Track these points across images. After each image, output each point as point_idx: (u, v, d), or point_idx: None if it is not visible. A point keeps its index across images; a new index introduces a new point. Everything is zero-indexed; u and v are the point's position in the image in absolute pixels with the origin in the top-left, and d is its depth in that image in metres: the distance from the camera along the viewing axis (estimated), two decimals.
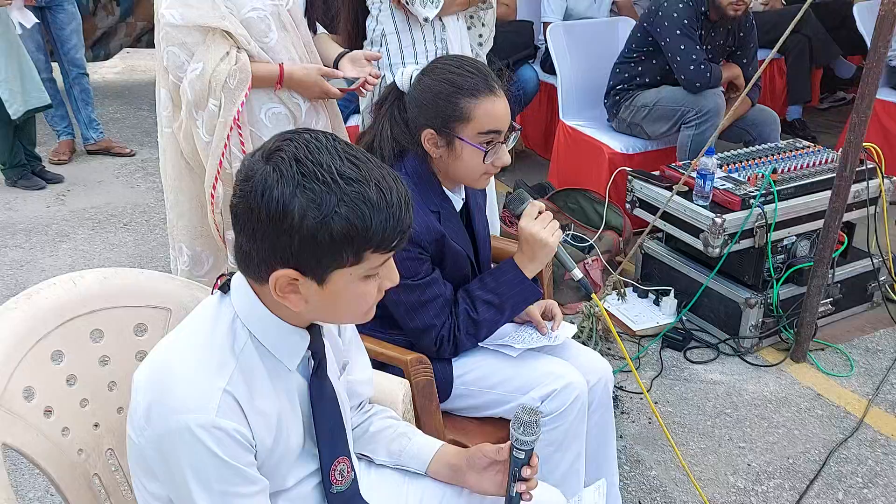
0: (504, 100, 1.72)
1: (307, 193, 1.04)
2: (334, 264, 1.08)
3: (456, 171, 1.75)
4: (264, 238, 1.07)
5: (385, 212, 1.07)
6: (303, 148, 1.07)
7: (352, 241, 1.06)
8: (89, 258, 3.74)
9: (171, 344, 1.17)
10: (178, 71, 2.15)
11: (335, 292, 1.11)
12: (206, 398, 1.09)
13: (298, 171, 1.04)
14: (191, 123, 2.20)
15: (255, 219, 1.06)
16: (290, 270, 1.08)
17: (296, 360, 1.21)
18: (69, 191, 4.56)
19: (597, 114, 4.08)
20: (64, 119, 5.03)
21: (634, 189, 3.23)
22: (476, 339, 1.80)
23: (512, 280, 1.78)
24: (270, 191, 1.04)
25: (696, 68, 3.53)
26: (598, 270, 3.34)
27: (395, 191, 1.09)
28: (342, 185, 1.05)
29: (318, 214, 1.03)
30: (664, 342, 3.06)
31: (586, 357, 1.93)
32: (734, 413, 2.70)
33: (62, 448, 1.37)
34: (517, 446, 1.35)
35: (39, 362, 1.36)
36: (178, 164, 2.31)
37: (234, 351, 1.14)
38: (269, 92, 2.21)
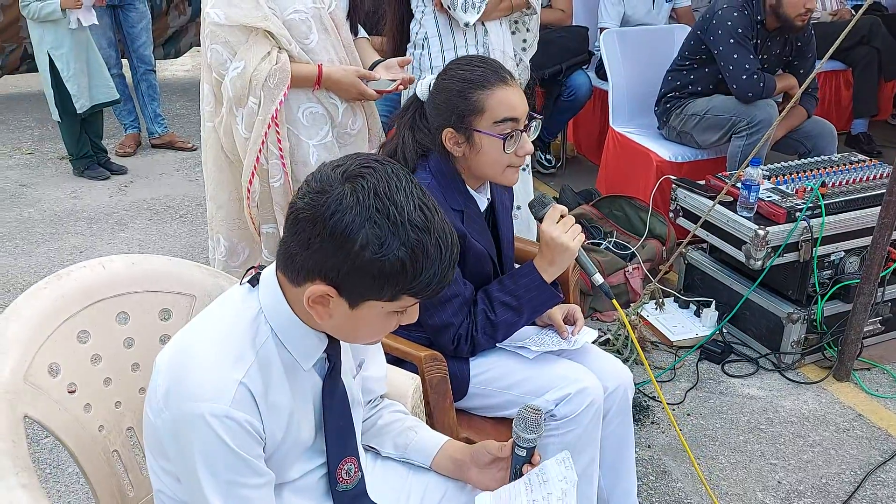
0: (517, 89, 1.73)
1: (375, 229, 1.07)
2: (372, 296, 1.12)
3: (480, 166, 1.76)
4: (318, 251, 1.10)
5: (436, 266, 1.11)
6: (384, 182, 1.10)
7: (396, 283, 1.10)
8: (144, 246, 3.88)
9: (195, 330, 1.21)
10: (220, 68, 2.21)
11: (361, 318, 1.15)
12: (222, 388, 1.12)
13: (374, 206, 1.08)
14: (231, 119, 2.26)
15: (317, 232, 1.09)
16: (330, 288, 1.12)
17: (311, 360, 1.24)
18: (132, 182, 4.73)
19: (648, 121, 4.04)
20: (131, 113, 5.22)
21: (678, 198, 3.19)
22: (493, 339, 1.81)
23: (530, 283, 1.79)
24: (342, 214, 1.07)
25: (748, 78, 3.46)
26: (639, 279, 3.30)
27: (450, 249, 1.13)
28: (409, 230, 1.08)
29: (378, 251, 1.07)
30: (702, 354, 3.01)
31: (606, 363, 1.92)
32: (769, 429, 2.64)
33: (83, 424, 1.44)
34: (519, 444, 1.37)
35: (66, 340, 1.43)
36: (218, 157, 2.38)
37: (254, 345, 1.18)
38: (308, 91, 2.26)
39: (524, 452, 1.37)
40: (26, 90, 6.71)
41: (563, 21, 4.55)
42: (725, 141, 3.65)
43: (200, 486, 1.14)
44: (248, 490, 1.16)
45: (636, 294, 3.26)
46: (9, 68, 6.21)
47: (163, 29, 6.47)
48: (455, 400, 1.81)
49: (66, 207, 4.34)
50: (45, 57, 4.29)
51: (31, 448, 2.45)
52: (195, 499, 1.17)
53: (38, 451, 2.48)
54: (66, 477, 2.39)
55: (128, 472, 1.54)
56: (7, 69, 6.20)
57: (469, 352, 1.82)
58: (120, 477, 1.51)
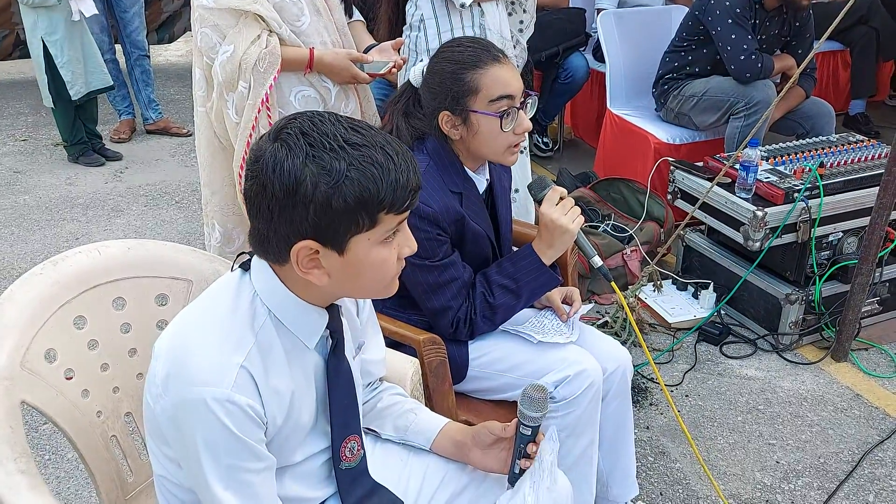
0: (510, 66, 1.71)
1: (317, 162, 1.07)
2: (352, 230, 1.11)
3: (479, 147, 1.75)
4: (280, 213, 1.09)
5: (394, 172, 1.09)
6: (307, 122, 1.10)
7: (365, 204, 1.09)
8: (140, 232, 3.87)
9: (193, 316, 1.20)
10: (210, 52, 2.19)
11: (356, 260, 1.14)
12: (222, 373, 1.12)
13: (306, 143, 1.08)
14: (221, 104, 2.25)
15: (270, 195, 1.08)
16: (310, 242, 1.10)
17: (315, 337, 1.23)
18: (127, 168, 4.71)
19: (645, 103, 4.02)
20: (125, 99, 5.19)
21: (676, 179, 3.18)
22: (492, 322, 1.81)
23: (529, 266, 1.78)
24: (281, 164, 1.07)
25: (746, 58, 3.44)
26: (637, 261, 3.29)
27: (401, 153, 1.12)
28: (349, 150, 1.08)
29: (330, 180, 1.06)
30: (700, 335, 3.01)
31: (605, 345, 1.92)
32: (767, 409, 2.65)
33: (81, 409, 1.43)
34: (524, 422, 1.36)
35: (62, 326, 1.42)
36: (211, 142, 2.37)
37: (253, 328, 1.17)
38: (300, 75, 2.24)
39: (529, 431, 1.36)
40: (19, 77, 6.66)
41: (559, 3, 4.51)
42: (723, 122, 3.63)
43: (202, 470, 1.14)
44: (249, 475, 1.16)
45: (634, 276, 3.25)
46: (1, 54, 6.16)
47: (156, 14, 6.42)
48: (454, 383, 1.81)
49: (62, 194, 4.32)
50: (38, 43, 4.25)
51: (30, 435, 2.46)
52: (197, 484, 1.17)
53: (37, 438, 2.48)
54: (65, 463, 2.39)
55: (126, 457, 1.53)
56: None
57: (468, 335, 1.82)
58: (119, 462, 1.51)
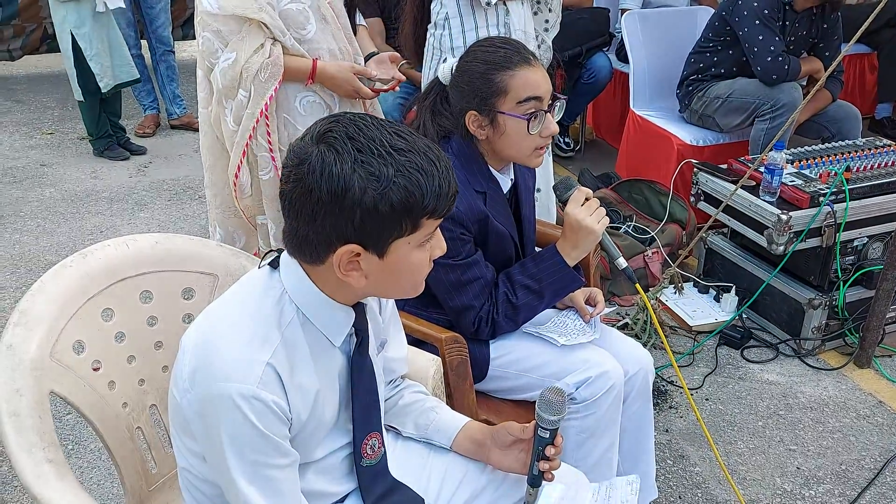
0: (540, 69, 1.72)
1: (365, 167, 1.08)
2: (395, 234, 1.13)
3: (504, 148, 1.75)
4: (325, 217, 1.10)
5: (437, 178, 1.12)
6: (351, 126, 1.11)
7: (411, 210, 1.11)
8: (164, 226, 3.90)
9: (221, 312, 1.21)
10: (210, 57, 2.17)
11: (395, 263, 1.15)
12: (249, 369, 1.13)
13: (354, 148, 1.09)
14: (220, 110, 2.24)
15: (315, 199, 1.09)
16: (353, 246, 1.12)
17: (342, 336, 1.24)
18: (151, 163, 4.75)
19: (669, 104, 4.00)
20: (150, 94, 5.23)
21: (699, 182, 3.16)
22: (514, 322, 1.81)
23: (553, 267, 1.78)
24: (329, 169, 1.08)
25: (773, 60, 3.42)
26: (658, 263, 3.28)
27: (442, 159, 1.14)
28: (396, 156, 1.09)
29: (378, 186, 1.08)
30: (721, 339, 2.99)
31: (626, 346, 1.91)
32: (788, 415, 2.63)
33: (108, 400, 1.46)
34: (542, 425, 1.36)
35: (90, 318, 1.45)
36: (214, 144, 2.36)
37: (280, 326, 1.18)
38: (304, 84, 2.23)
39: (547, 434, 1.37)
40: (46, 71, 6.74)
41: (583, 2, 4.50)
42: (748, 124, 3.61)
43: (227, 465, 1.15)
44: (273, 470, 1.17)
45: (655, 279, 3.24)
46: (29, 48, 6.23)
47: (181, 9, 6.46)
48: (475, 382, 1.81)
49: (87, 187, 4.37)
50: (67, 36, 4.29)
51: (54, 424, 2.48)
52: (221, 478, 1.18)
53: (60, 428, 2.51)
54: (88, 453, 2.42)
55: (151, 448, 1.55)
56: (27, 49, 6.22)
57: (489, 334, 1.82)
58: (143, 453, 1.53)
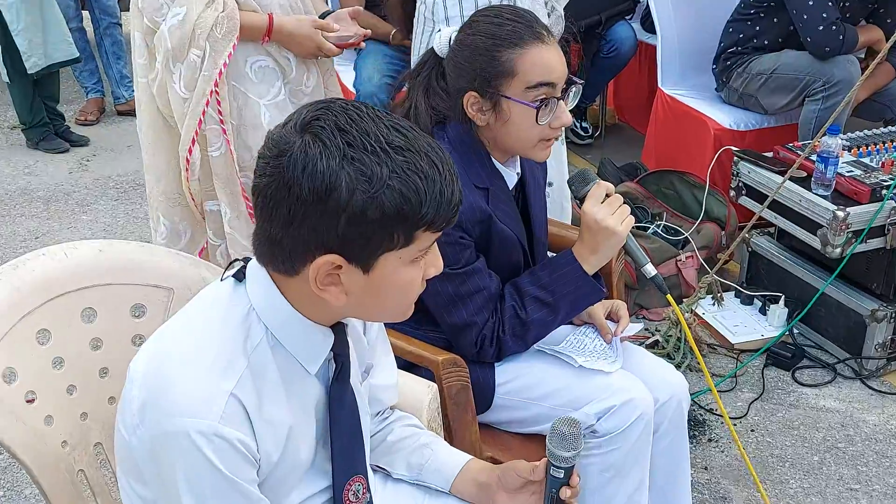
0: (555, 48, 1.72)
1: (355, 165, 1.07)
2: (384, 246, 1.12)
3: (507, 138, 1.76)
4: (304, 220, 1.09)
5: (439, 184, 1.10)
6: (343, 115, 1.10)
7: (405, 219, 1.09)
8: (110, 231, 3.91)
9: (176, 333, 1.21)
10: (154, 14, 2.21)
11: (381, 280, 1.15)
12: (209, 401, 1.12)
13: (343, 141, 1.07)
14: (166, 76, 2.26)
15: (294, 198, 1.08)
16: (335, 256, 1.11)
17: (317, 362, 1.24)
18: (94, 155, 4.76)
19: (704, 82, 4.01)
20: (93, 75, 5.24)
21: (741, 173, 3.18)
22: (523, 341, 1.81)
23: (569, 275, 1.78)
24: (314, 163, 1.07)
25: (825, 29, 3.43)
26: (693, 269, 3.30)
27: (446, 161, 1.13)
28: (392, 154, 1.08)
29: (369, 188, 1.07)
30: (769, 359, 3.01)
31: (656, 369, 1.92)
32: (848, 448, 2.64)
33: (44, 438, 1.45)
34: (555, 463, 1.36)
35: (23, 341, 1.44)
36: (155, 119, 2.37)
37: (245, 349, 1.18)
38: (257, 43, 2.27)
39: (561, 473, 1.36)
40: None
41: None
42: (797, 105, 3.62)
43: None
44: None
45: (690, 288, 3.25)
46: None
47: None
48: (478, 412, 1.81)
49: (19, 185, 4.38)
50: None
51: None
52: None
53: None
54: (22, 500, 2.42)
55: (95, 495, 1.55)
56: None
57: (494, 356, 1.82)
58: (86, 501, 1.52)
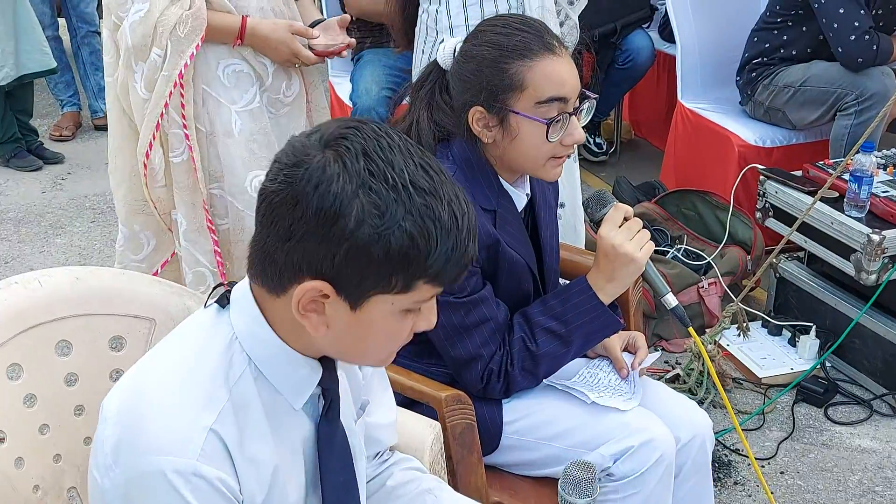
0: (567, 59, 1.73)
1: (371, 197, 1.07)
2: (379, 287, 1.12)
3: (515, 156, 1.76)
4: (303, 239, 1.10)
5: (454, 237, 1.11)
6: (373, 141, 1.11)
7: (408, 264, 1.10)
8: (86, 256, 3.91)
9: (152, 366, 1.21)
10: (119, 9, 2.25)
11: (367, 321, 1.15)
12: (187, 438, 1.12)
13: (366, 168, 1.08)
14: (128, 75, 2.29)
15: (300, 213, 1.09)
16: (325, 284, 1.11)
17: (303, 397, 1.24)
18: (70, 173, 4.78)
19: (727, 95, 4.04)
20: (69, 87, 5.27)
21: (767, 193, 3.20)
22: (534, 376, 1.81)
23: (583, 304, 1.78)
24: (328, 183, 1.07)
25: (858, 38, 3.45)
26: (717, 297, 3.30)
27: (468, 216, 1.13)
28: (413, 195, 1.08)
29: (380, 224, 1.07)
30: (799, 394, 3.00)
31: (677, 406, 1.91)
32: (887, 492, 2.63)
33: (14, 483, 1.44)
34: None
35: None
36: (120, 118, 2.40)
37: (227, 381, 1.18)
38: (231, 46, 2.29)
39: None
40: None
41: None
42: (828, 120, 3.64)
43: None
44: None
45: (713, 317, 3.25)
46: None
47: None
48: (485, 453, 1.81)
49: None
50: None
51: None
52: None
53: None
54: None
55: None
56: None
57: (502, 392, 1.82)
58: None
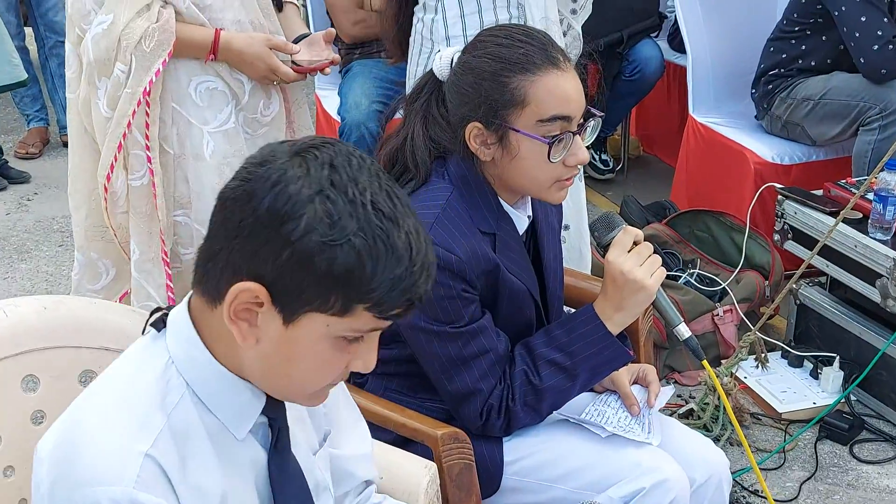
0: (573, 75, 1.74)
1: (327, 205, 1.09)
2: (315, 303, 1.12)
3: (515, 177, 1.77)
4: (250, 236, 1.12)
5: (404, 267, 1.12)
6: (343, 157, 1.14)
7: (350, 284, 1.10)
8: (54, 283, 3.90)
9: (84, 402, 1.22)
10: (82, 21, 2.24)
11: (298, 341, 1.15)
12: (121, 465, 1.13)
13: (328, 178, 1.11)
14: (90, 92, 2.29)
15: (251, 210, 1.11)
16: (260, 288, 1.12)
17: (245, 425, 1.24)
18: (36, 194, 4.77)
19: (742, 108, 4.06)
20: (36, 101, 5.28)
21: (786, 213, 3.20)
22: (536, 412, 1.81)
23: (590, 335, 1.78)
24: (286, 184, 1.10)
25: (881, 48, 3.47)
26: (733, 326, 3.29)
27: (424, 253, 1.15)
28: (371, 214, 1.11)
29: (328, 233, 1.09)
30: (822, 431, 3.00)
31: (692, 444, 1.91)
32: None
33: None
34: None
35: None
36: (82, 139, 2.40)
37: (163, 407, 1.18)
38: (204, 61, 2.30)
39: None
40: None
41: None
42: (850, 135, 3.66)
43: None
44: None
45: (729, 347, 3.25)
46: None
47: None
48: (484, 496, 1.80)
49: None
50: None
51: None
52: None
53: None
54: None
55: None
56: None
57: (503, 429, 1.82)
58: None
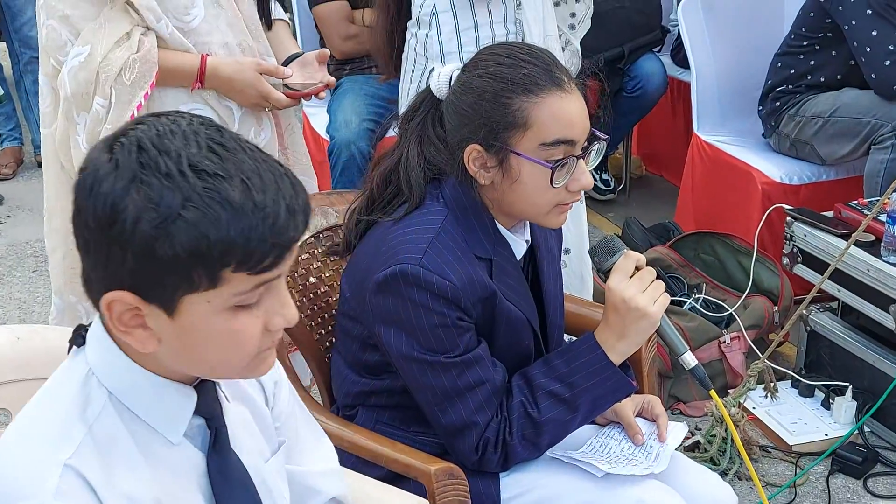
0: (577, 97, 1.75)
1: (143, 191, 1.09)
2: (183, 287, 1.12)
3: (514, 201, 1.78)
4: (95, 251, 1.13)
5: (251, 216, 1.10)
6: (153, 131, 1.13)
7: (203, 257, 1.10)
8: (27, 311, 3.90)
9: (11, 426, 1.23)
10: (57, 52, 2.23)
11: (192, 327, 1.15)
12: (40, 478, 1.13)
13: (137, 161, 1.10)
14: (69, 127, 2.28)
15: (84, 224, 1.13)
16: (127, 294, 1.13)
17: (178, 427, 1.24)
18: (9, 217, 4.78)
19: (748, 126, 4.07)
20: (9, 119, 5.30)
21: (795, 236, 3.22)
22: (535, 446, 1.81)
23: (591, 365, 1.79)
24: (99, 185, 1.10)
25: (893, 63, 3.49)
26: (741, 353, 3.30)
27: (273, 189, 1.13)
28: (191, 179, 1.09)
29: (156, 218, 1.08)
30: (835, 464, 3.00)
31: (698, 478, 1.92)
32: None
33: None
34: None
35: None
36: (58, 177, 2.39)
37: (84, 418, 1.19)
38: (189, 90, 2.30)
39: None
40: None
41: None
42: (861, 154, 3.67)
43: None
44: None
45: (737, 376, 3.25)
46: None
47: None
48: None
49: None
50: None
51: None
52: None
53: None
54: None
55: None
56: None
57: (500, 464, 1.82)
58: None
